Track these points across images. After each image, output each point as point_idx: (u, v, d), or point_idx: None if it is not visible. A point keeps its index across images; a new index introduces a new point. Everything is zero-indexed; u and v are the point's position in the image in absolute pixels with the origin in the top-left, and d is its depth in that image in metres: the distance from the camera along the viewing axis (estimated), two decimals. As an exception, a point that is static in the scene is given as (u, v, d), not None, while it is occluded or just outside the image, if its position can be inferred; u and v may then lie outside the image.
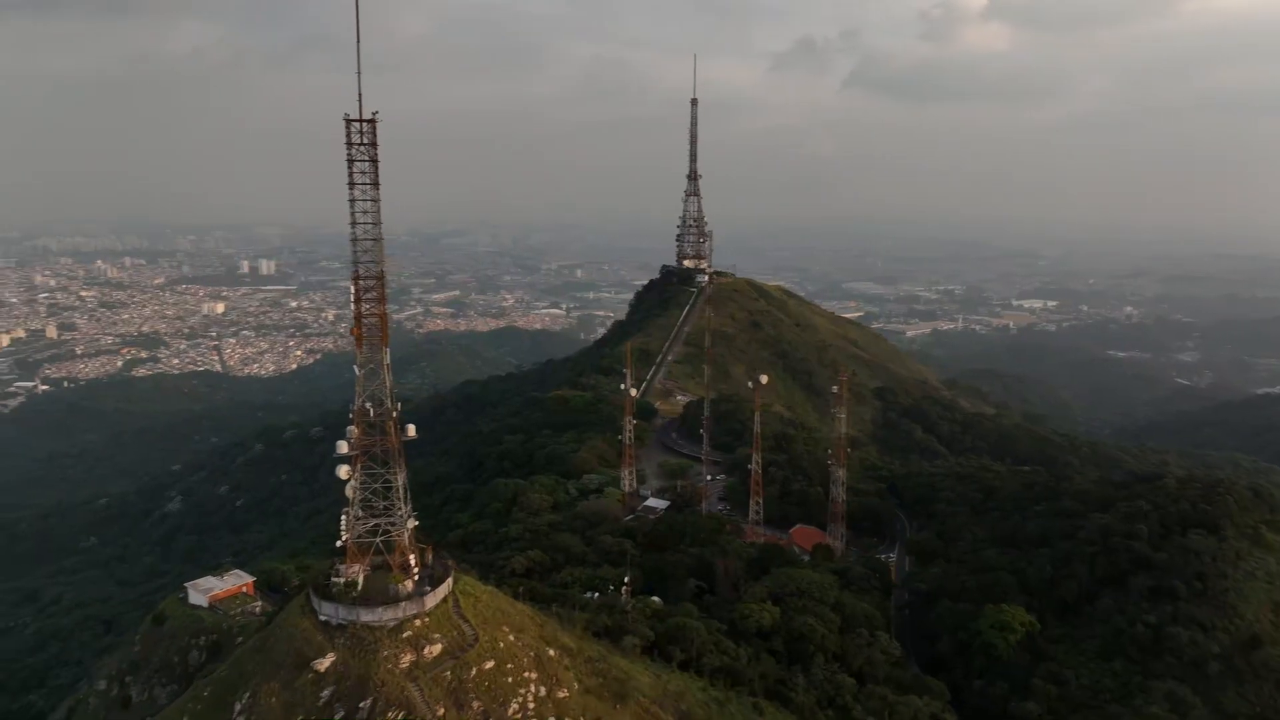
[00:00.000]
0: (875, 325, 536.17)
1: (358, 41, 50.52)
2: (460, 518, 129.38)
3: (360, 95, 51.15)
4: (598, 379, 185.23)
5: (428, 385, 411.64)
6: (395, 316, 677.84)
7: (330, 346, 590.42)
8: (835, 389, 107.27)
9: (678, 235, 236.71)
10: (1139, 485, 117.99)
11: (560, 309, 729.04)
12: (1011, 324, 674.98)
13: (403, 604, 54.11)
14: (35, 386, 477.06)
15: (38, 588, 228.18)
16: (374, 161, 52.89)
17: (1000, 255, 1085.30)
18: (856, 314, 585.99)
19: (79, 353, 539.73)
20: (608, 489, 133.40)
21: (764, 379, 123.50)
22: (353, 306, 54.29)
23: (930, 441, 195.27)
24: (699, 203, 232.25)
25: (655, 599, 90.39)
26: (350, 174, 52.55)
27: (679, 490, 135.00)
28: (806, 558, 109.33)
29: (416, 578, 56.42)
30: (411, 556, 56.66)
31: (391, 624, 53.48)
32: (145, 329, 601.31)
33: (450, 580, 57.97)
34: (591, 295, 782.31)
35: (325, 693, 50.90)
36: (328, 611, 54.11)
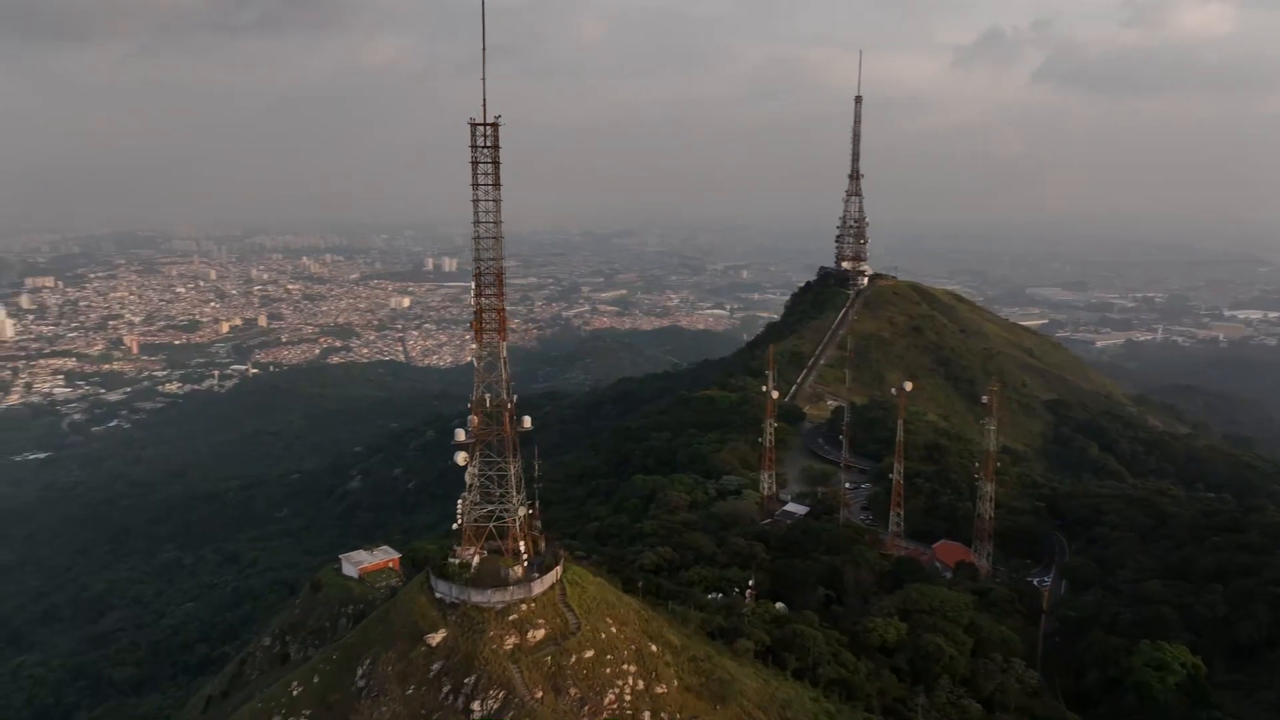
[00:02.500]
0: (1060, 334, 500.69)
1: (483, 50, 53.04)
2: (599, 511, 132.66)
3: (484, 101, 53.74)
4: (746, 380, 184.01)
5: (590, 381, 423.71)
6: (564, 314, 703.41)
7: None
8: (985, 399, 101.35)
9: (837, 237, 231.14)
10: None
11: (724, 309, 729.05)
12: (1222, 336, 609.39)
13: (511, 588, 56.40)
14: (247, 370, 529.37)
15: (239, 551, 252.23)
16: (496, 163, 55.34)
17: (1210, 260, 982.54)
18: (1038, 321, 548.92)
19: (284, 340, 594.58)
20: (746, 491, 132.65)
21: (908, 385, 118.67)
22: (472, 300, 56.88)
23: (1106, 460, 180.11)
24: (860, 203, 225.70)
25: (779, 605, 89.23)
26: (474, 175, 55.33)
27: (820, 497, 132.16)
28: (948, 575, 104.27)
29: (526, 564, 58.55)
30: (522, 543, 58.88)
31: (499, 606, 55.88)
32: (341, 320, 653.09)
33: (559, 569, 59.78)
34: (756, 296, 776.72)
35: (435, 666, 53.92)
36: (443, 590, 57.28)
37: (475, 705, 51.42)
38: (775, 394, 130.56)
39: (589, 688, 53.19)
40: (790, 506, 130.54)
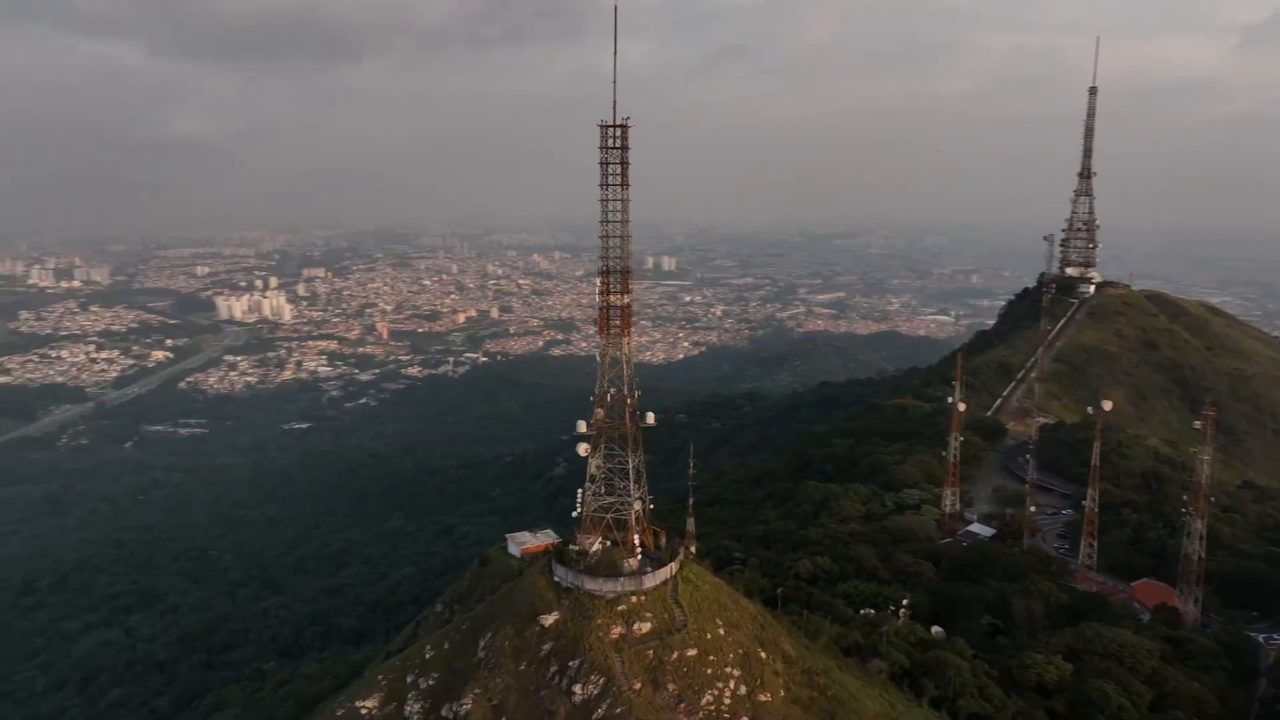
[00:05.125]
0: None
1: (614, 54, 54.52)
2: (768, 514, 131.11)
3: (615, 102, 55.22)
4: (945, 390, 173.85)
5: (798, 383, 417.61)
6: (778, 315, 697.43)
7: (715, 340, 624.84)
8: (1198, 424, 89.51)
9: (1062, 240, 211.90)
10: None
11: (948, 315, 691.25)
12: None
13: (622, 579, 57.72)
14: (478, 358, 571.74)
15: (454, 524, 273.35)
16: (624, 164, 56.70)
17: None
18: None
19: (512, 332, 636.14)
20: (926, 507, 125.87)
21: (1107, 405, 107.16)
22: (597, 298, 58.64)
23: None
24: (1091, 203, 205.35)
25: (936, 629, 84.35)
26: (603, 175, 56.99)
27: (1007, 519, 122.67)
28: (1144, 618, 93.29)
29: (639, 557, 59.64)
30: (636, 537, 60.01)
31: (610, 596, 57.38)
32: (564, 314, 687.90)
33: (674, 565, 60.32)
34: (985, 303, 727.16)
35: (546, 646, 56.38)
36: (560, 574, 59.70)
37: (577, 688, 53.27)
38: (963, 406, 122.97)
39: (688, 686, 53.37)
40: (974, 527, 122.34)
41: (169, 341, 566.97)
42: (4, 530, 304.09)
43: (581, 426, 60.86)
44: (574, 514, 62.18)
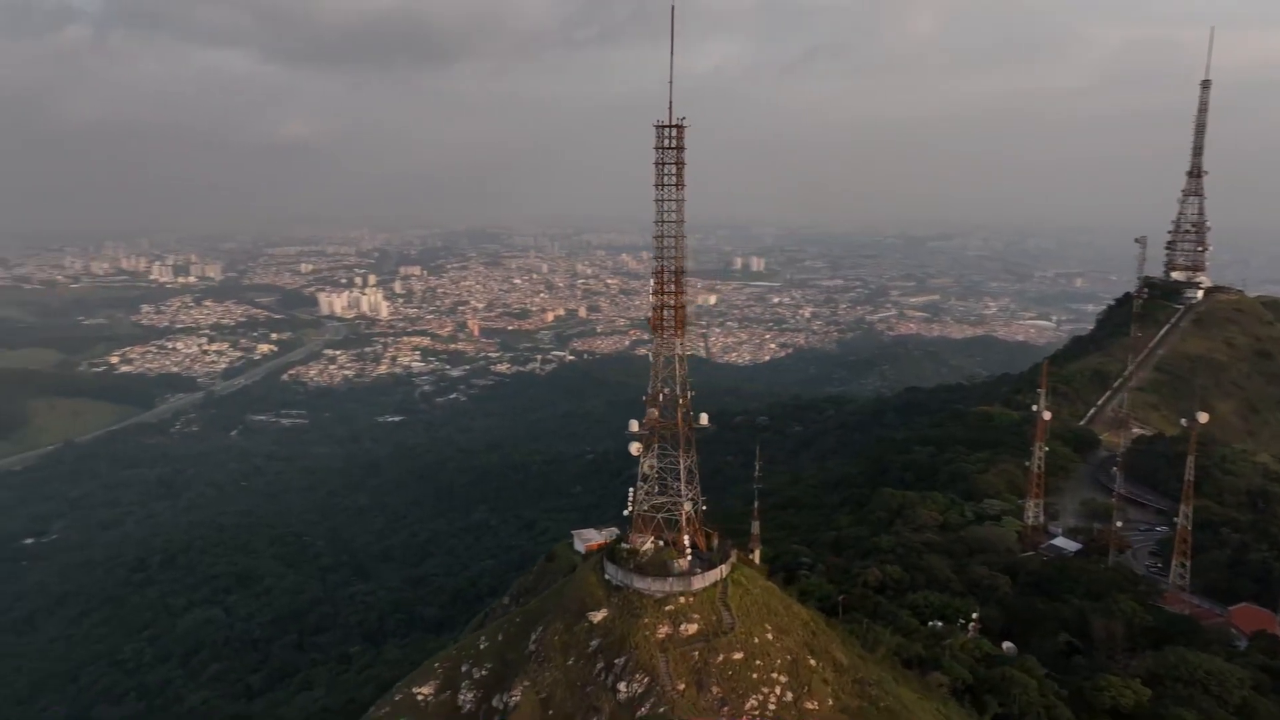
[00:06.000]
0: None
1: (671, 54, 54.57)
2: (841, 520, 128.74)
3: (670, 103, 55.27)
4: (1034, 398, 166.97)
5: (886, 388, 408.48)
6: (868, 317, 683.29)
7: (802, 342, 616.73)
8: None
9: (1168, 243, 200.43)
10: None
11: (1049, 320, 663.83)
12: None
13: (671, 580, 57.71)
14: (565, 356, 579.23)
15: (535, 519, 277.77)
16: (680, 164, 56.64)
17: None
18: None
19: (599, 331, 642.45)
20: (1007, 519, 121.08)
21: (1203, 416, 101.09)
22: (651, 298, 58.72)
23: None
24: (1200, 204, 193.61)
25: (1007, 644, 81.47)
26: (659, 175, 57.07)
27: (1094, 534, 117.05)
28: (1241, 644, 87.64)
29: (689, 558, 59.49)
30: (686, 537, 59.87)
31: (659, 595, 57.46)
32: (650, 315, 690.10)
33: (725, 568, 59.95)
34: (1090, 308, 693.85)
35: (594, 642, 56.87)
36: (611, 572, 60.08)
37: (622, 686, 53.54)
38: (1048, 414, 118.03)
39: (732, 689, 52.95)
40: (1059, 541, 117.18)
41: (274, 335, 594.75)
42: (121, 511, 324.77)
43: (634, 426, 61.13)
44: (624, 513, 62.49)
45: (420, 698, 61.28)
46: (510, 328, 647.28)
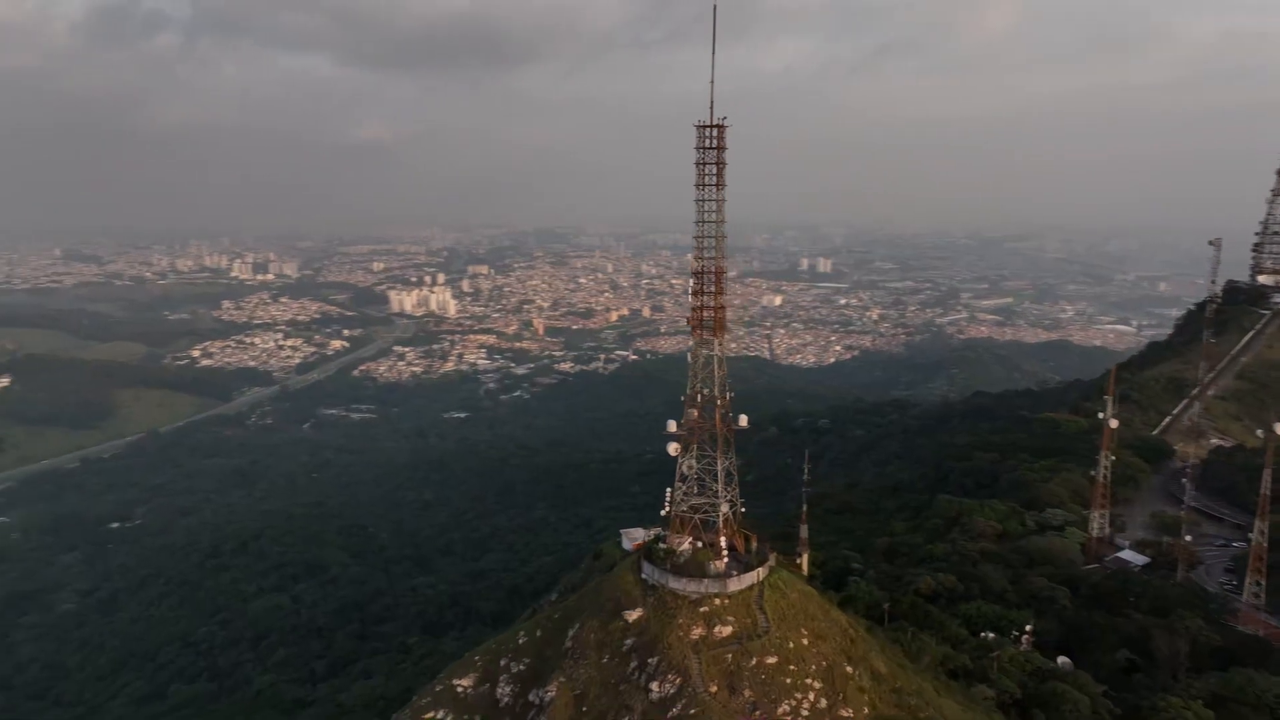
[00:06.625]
0: None
1: (713, 53, 54.38)
2: (896, 526, 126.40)
3: (711, 103, 55.09)
4: (1104, 404, 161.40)
5: (955, 392, 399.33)
6: (937, 320, 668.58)
7: (868, 344, 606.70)
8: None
9: (1254, 245, 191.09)
10: None
11: (1130, 325, 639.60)
12: None
13: (706, 581, 57.50)
14: (628, 355, 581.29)
15: (593, 517, 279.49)
16: (721, 165, 56.39)
17: None
18: None
19: (662, 331, 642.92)
20: (1070, 530, 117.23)
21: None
22: (690, 298, 58.61)
23: None
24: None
25: (1062, 659, 78.91)
26: (700, 175, 56.89)
27: (1164, 548, 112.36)
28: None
29: (726, 559, 59.17)
30: (724, 539, 59.56)
31: (694, 596, 57.30)
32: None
33: (761, 571, 59.45)
34: (1173, 312, 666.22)
35: (628, 641, 57.04)
36: (647, 572, 60.16)
37: (654, 685, 53.56)
38: (1115, 422, 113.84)
39: (764, 693, 52.47)
40: (1125, 554, 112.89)
41: (346, 332, 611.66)
42: (199, 498, 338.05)
43: (671, 426, 61.11)
44: (662, 513, 62.52)
45: (460, 689, 62.33)
46: (574, 327, 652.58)
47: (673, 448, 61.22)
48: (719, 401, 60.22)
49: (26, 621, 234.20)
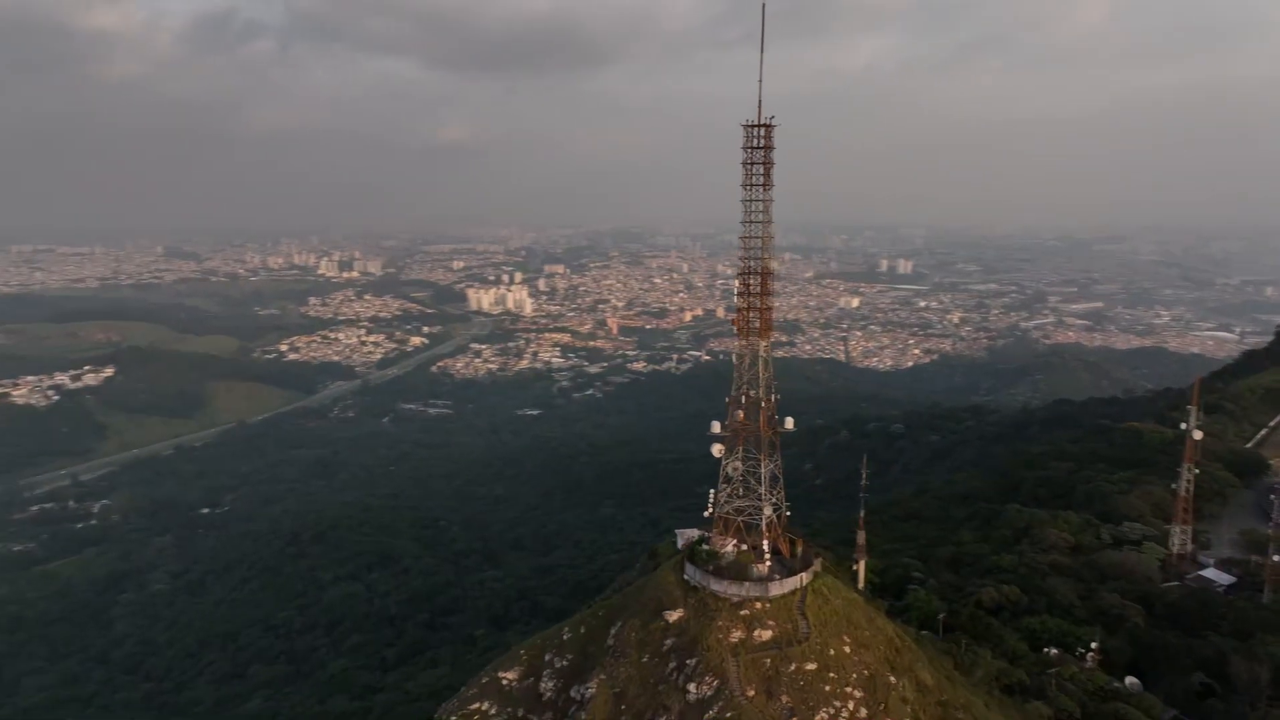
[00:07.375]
0: None
1: (761, 52, 53.91)
2: (963, 535, 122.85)
3: (760, 102, 54.60)
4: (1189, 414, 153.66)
5: (1039, 399, 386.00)
6: (1022, 324, 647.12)
7: (948, 348, 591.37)
8: None
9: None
10: None
11: (1231, 332, 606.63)
12: None
13: (748, 584, 56.98)
14: (701, 356, 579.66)
15: (660, 516, 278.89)
16: (768, 165, 55.81)
17: None
18: None
19: (735, 331, 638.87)
20: (1149, 545, 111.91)
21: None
22: (736, 299, 58.18)
23: None
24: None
25: (1131, 679, 75.58)
26: (747, 175, 56.42)
27: (1253, 567, 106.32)
28: None
29: (769, 563, 58.53)
30: (765, 542, 58.93)
31: (735, 599, 56.88)
32: (789, 316, 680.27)
33: (805, 576, 58.61)
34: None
35: (668, 642, 57.00)
36: (689, 573, 59.98)
37: (691, 687, 53.36)
38: (1199, 434, 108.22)
39: (802, 700, 51.70)
40: (1209, 572, 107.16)
41: (425, 329, 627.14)
42: (283, 487, 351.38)
43: (715, 427, 60.79)
44: (705, 514, 62.23)
45: (505, 682, 63.28)
46: (648, 326, 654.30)
47: (716, 449, 60.97)
48: (764, 403, 59.60)
49: (124, 599, 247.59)
